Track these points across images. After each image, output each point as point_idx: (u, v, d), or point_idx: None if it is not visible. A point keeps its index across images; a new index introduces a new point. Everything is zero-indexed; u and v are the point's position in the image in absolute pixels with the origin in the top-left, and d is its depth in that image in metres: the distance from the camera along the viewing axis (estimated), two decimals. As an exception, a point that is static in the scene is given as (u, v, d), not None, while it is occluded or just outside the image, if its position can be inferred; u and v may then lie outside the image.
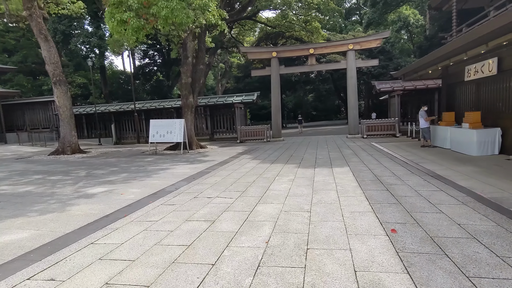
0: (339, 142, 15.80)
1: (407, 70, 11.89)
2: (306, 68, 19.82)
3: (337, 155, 10.94)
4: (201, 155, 13.41)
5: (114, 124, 24.61)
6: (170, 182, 7.67)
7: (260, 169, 8.84)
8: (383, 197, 5.21)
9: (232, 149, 15.24)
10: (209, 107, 22.46)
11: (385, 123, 17.69)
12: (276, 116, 19.69)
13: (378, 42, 17.94)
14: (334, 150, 12.35)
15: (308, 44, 18.56)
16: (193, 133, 15.91)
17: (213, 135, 22.93)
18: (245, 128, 20.05)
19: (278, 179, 7.25)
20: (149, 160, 12.42)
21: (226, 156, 12.38)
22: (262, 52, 19.42)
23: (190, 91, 15.41)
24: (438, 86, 18.60)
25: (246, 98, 22.13)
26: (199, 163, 10.88)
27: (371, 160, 9.26)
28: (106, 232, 4.28)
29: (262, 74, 20.99)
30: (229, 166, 9.79)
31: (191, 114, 15.65)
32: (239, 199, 5.66)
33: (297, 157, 11.01)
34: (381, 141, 15.43)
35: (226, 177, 7.85)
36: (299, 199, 5.38)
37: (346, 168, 8.21)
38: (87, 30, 28.14)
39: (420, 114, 11.26)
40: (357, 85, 41.04)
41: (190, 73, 15.25)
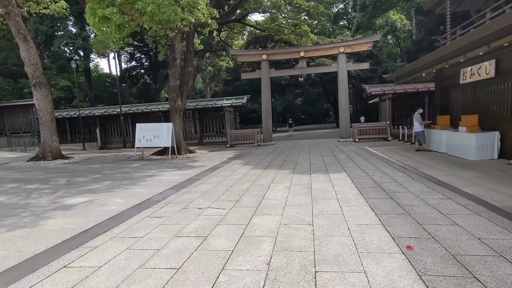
0: (331, 146, 15.50)
1: (401, 73, 11.70)
2: (297, 71, 19.54)
3: (331, 159, 10.59)
4: (190, 160, 12.87)
5: (99, 128, 23.79)
6: (157, 190, 7.14)
7: (253, 175, 8.40)
8: (389, 207, 4.83)
9: (222, 154, 14.75)
10: (198, 110, 21.93)
11: (376, 127, 17.52)
12: (266, 119, 19.32)
13: (369, 45, 17.82)
14: (327, 155, 12.01)
15: (299, 47, 18.32)
16: (182, 138, 15.36)
17: (202, 139, 22.38)
18: (235, 132, 19.59)
19: (273, 186, 6.81)
20: (135, 166, 11.81)
21: (217, 161, 11.89)
22: (252, 54, 19.06)
23: (178, 94, 14.88)
24: (428, 90, 18.61)
25: (236, 101, 21.70)
26: (188, 169, 10.35)
27: (367, 165, 8.93)
28: (83, 252, 3.76)
29: (252, 77, 20.60)
30: (220, 172, 9.31)
31: (180, 118, 15.10)
32: (233, 210, 5.20)
33: (291, 162, 10.61)
34: (373, 144, 15.21)
35: (218, 185, 7.37)
36: (298, 210, 4.95)
37: (343, 174, 7.84)
38: (70, 31, 27.25)
39: (415, 117, 11.05)
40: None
41: (178, 75, 14.72)
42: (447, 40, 10.77)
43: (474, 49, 7.47)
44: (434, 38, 12.27)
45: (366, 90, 20.01)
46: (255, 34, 38.33)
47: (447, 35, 10.74)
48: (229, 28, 34.86)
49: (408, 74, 11.74)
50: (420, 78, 12.48)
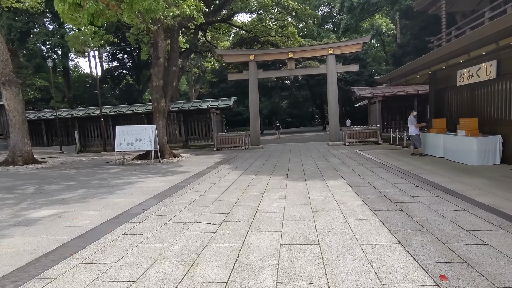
0: (322, 150, 15.01)
1: (394, 75, 11.34)
2: (285, 72, 19.04)
3: (325, 164, 10.05)
4: (175, 165, 12.08)
5: (77, 131, 22.59)
6: (137, 200, 6.38)
7: (244, 182, 7.73)
8: (402, 221, 4.27)
9: (208, 158, 14.01)
10: (182, 112, 21.09)
11: (366, 130, 17.18)
12: (254, 122, 18.70)
13: (358, 47, 17.50)
14: (320, 159, 11.48)
15: (287, 48, 17.83)
16: (166, 141, 14.53)
17: (188, 142, 21.54)
18: (222, 135, 18.88)
19: (267, 195, 6.17)
20: (115, 171, 10.93)
21: (203, 166, 11.16)
22: (240, 55, 18.43)
23: (162, 94, 14.07)
24: (418, 92, 18.45)
25: (223, 103, 21.01)
26: (172, 175, 9.59)
27: (364, 171, 8.42)
28: (39, 286, 3.00)
29: (239, 78, 19.97)
30: (207, 178, 8.60)
31: (163, 120, 14.28)
32: (224, 224, 4.53)
33: (282, 167, 10.01)
34: (364, 148, 14.81)
35: (205, 193, 6.67)
36: (299, 225, 4.32)
37: (341, 180, 7.28)
38: (47, 28, 25.88)
39: (410, 120, 10.66)
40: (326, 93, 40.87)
41: (161, 75, 13.92)
42: (442, 41, 10.48)
43: (477, 49, 7.10)
44: (428, 39, 11.95)
45: (355, 92, 19.70)
46: (241, 36, 37.77)
47: (442, 36, 10.44)
48: (214, 29, 34.17)
49: (401, 76, 11.39)
50: (414, 80, 12.17)
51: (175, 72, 14.39)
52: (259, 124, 19.20)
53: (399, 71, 11.00)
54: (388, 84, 12.76)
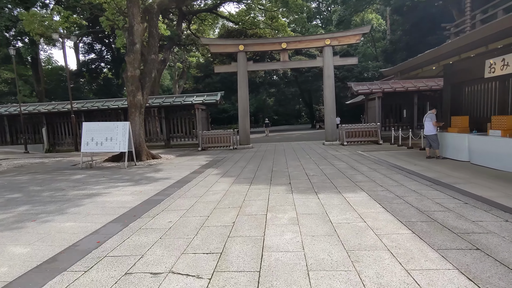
0: (320, 151, 13.51)
1: (406, 66, 9.92)
2: (277, 64, 17.42)
3: (331, 169, 8.50)
4: (153, 169, 10.29)
5: (45, 128, 20.30)
6: (93, 225, 4.63)
7: (238, 195, 6.08)
8: (498, 274, 2.73)
9: (193, 160, 12.26)
10: (164, 108, 19.19)
11: (366, 129, 15.80)
12: (244, 119, 17.02)
13: (358, 37, 16.09)
14: (322, 162, 9.94)
15: (281, 38, 16.22)
16: (143, 140, 12.67)
17: (170, 141, 19.66)
18: (207, 133, 17.11)
19: (273, 218, 4.54)
20: (77, 178, 9.05)
21: (186, 171, 9.42)
22: (228, 44, 16.68)
23: (139, 86, 12.20)
24: (418, 89, 17.24)
25: (209, 98, 19.22)
26: (147, 183, 7.82)
27: (383, 179, 6.91)
28: None
29: (227, 70, 18.24)
30: (190, 189, 6.89)
31: (140, 116, 12.42)
32: (215, 280, 2.87)
33: (281, 172, 8.40)
34: (366, 149, 13.40)
35: (188, 214, 4.98)
36: (336, 283, 2.71)
37: (362, 193, 5.73)
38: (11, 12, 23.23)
39: (428, 117, 9.25)
40: (318, 89, 39.33)
41: (138, 63, 12.04)
42: (465, 26, 9.11)
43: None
44: (444, 25, 10.58)
45: (352, 88, 18.32)
46: (228, 28, 35.93)
47: (465, 20, 9.07)
48: (199, 20, 32.16)
49: (414, 68, 9.98)
50: (425, 73, 10.79)
51: (154, 61, 12.52)
52: (249, 122, 17.54)
53: (412, 62, 9.57)
54: (397, 77, 11.37)
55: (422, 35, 29.47)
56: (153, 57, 12.44)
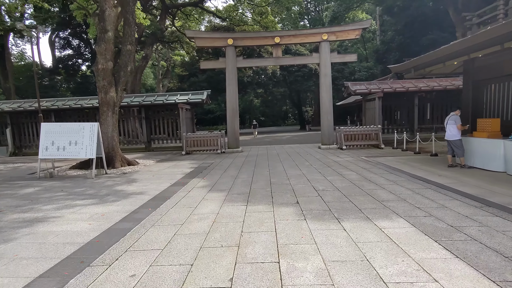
0: (319, 156, 12.10)
1: (421, 61, 8.61)
2: (270, 61, 15.93)
3: (342, 182, 7.06)
4: (126, 179, 8.60)
5: (10, 129, 18.15)
6: (10, 284, 2.98)
7: (232, 222, 4.52)
8: None
9: (175, 167, 10.61)
10: (144, 107, 17.41)
11: (366, 132, 14.51)
12: (232, 120, 15.45)
13: (357, 33, 14.80)
14: (327, 171, 8.49)
15: (274, 32, 14.76)
16: (117, 143, 10.93)
17: (150, 143, 17.89)
18: (192, 135, 15.44)
19: (289, 270, 3.01)
20: (28, 192, 7.28)
21: (166, 183, 7.79)
22: (215, 38, 15.07)
23: (112, 81, 10.47)
24: (420, 89, 16.12)
25: (194, 97, 17.56)
26: (115, 200, 6.16)
27: (415, 197, 5.50)
28: None
29: (214, 67, 16.65)
30: (169, 211, 5.29)
31: (113, 116, 10.68)
32: None
33: (282, 185, 6.89)
34: (369, 154, 12.08)
35: (161, 259, 3.40)
36: None
37: (400, 221, 4.28)
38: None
39: (451, 120, 7.95)
40: (308, 89, 38.01)
41: (111, 55, 10.32)
42: (497, 13, 7.88)
43: None
44: (465, 15, 9.35)
45: (349, 87, 17.05)
46: (215, 25, 34.30)
47: (498, 5, 7.82)
48: (184, 15, 30.36)
49: (431, 63, 8.68)
50: (440, 70, 9.52)
51: (130, 52, 10.80)
52: (238, 123, 15.99)
53: (430, 56, 8.25)
54: (410, 73, 10.05)
55: (416, 35, 28.67)
56: (129, 48, 10.73)
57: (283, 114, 71.40)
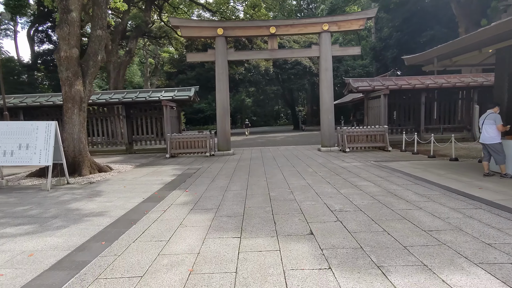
0: (321, 160, 10.60)
1: (448, 49, 7.17)
2: (265, 53, 14.37)
3: (362, 198, 5.55)
4: (89, 192, 6.93)
5: (-27, 128, 16.15)
6: None
7: (217, 273, 2.94)
8: None
9: (155, 173, 8.96)
10: (125, 105, 15.68)
11: (371, 132, 13.08)
12: (223, 119, 13.85)
13: (361, 23, 13.37)
14: (338, 181, 6.98)
15: (269, 21, 13.20)
16: (85, 146, 9.22)
17: (132, 145, 16.18)
18: (177, 136, 13.79)
19: None
20: (-46, 212, 5.56)
21: (138, 197, 6.17)
22: (203, 27, 13.44)
23: (78, 72, 8.78)
24: (427, 86, 14.78)
25: (180, 94, 15.90)
26: (60, 227, 4.52)
27: (475, 225, 4.01)
28: None
29: (203, 59, 15.05)
30: (129, 246, 3.67)
31: (81, 114, 8.98)
32: None
33: (285, 202, 5.34)
34: (377, 158, 10.65)
35: None
36: None
37: (480, 273, 2.77)
38: None
39: (490, 118, 6.51)
40: (302, 88, 36.57)
41: (76, 40, 8.62)
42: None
43: None
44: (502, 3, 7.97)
45: (351, 84, 15.60)
46: (204, 19, 32.53)
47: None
48: (172, 8, 28.57)
49: (458, 52, 7.26)
50: (466, 60, 8.12)
51: (100, 38, 9.09)
52: (229, 123, 14.39)
53: (462, 42, 6.82)
54: (428, 65, 8.65)
55: (414, 31, 27.49)
56: (100, 33, 9.03)
57: (275, 114, 70.17)
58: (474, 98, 15.07)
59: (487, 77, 15.20)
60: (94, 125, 15.99)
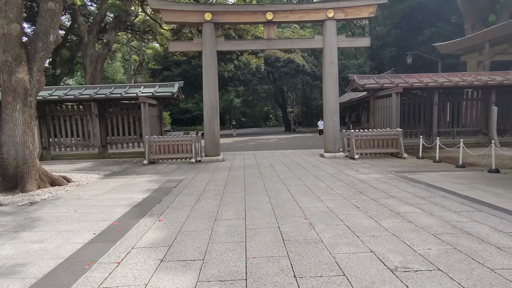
0: (331, 170, 8.78)
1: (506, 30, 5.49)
2: (261, 43, 12.47)
3: (425, 241, 3.72)
4: (20, 220, 4.89)
5: None
6: None
7: None
8: None
9: (123, 189, 6.94)
10: (98, 102, 13.54)
11: (383, 137, 11.35)
12: (211, 120, 11.90)
13: (371, 10, 11.67)
14: (370, 206, 5.14)
15: (265, 5, 11.32)
16: (32, 152, 7.11)
17: (106, 148, 14.06)
18: (157, 140, 11.74)
19: None
20: None
21: (87, 231, 4.16)
22: (188, 11, 11.46)
23: (21, 56, 6.69)
24: (442, 85, 13.20)
25: (162, 90, 13.86)
26: None
27: None
28: None
29: (188, 49, 13.09)
30: None
31: (26, 110, 6.89)
32: None
33: (309, 248, 3.46)
34: (395, 166, 8.91)
35: None
36: None
37: None
38: None
39: None
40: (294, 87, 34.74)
41: (17, 12, 6.54)
42: None
43: None
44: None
45: (356, 81, 13.89)
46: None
47: None
48: None
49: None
50: None
51: (52, 13, 7.02)
52: (219, 123, 12.44)
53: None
54: (470, 54, 6.96)
55: (414, 28, 26.09)
56: (51, 6, 6.95)
57: (265, 115, 68.50)
58: (492, 98, 13.55)
59: (506, 75, 13.75)
60: (62, 125, 13.79)
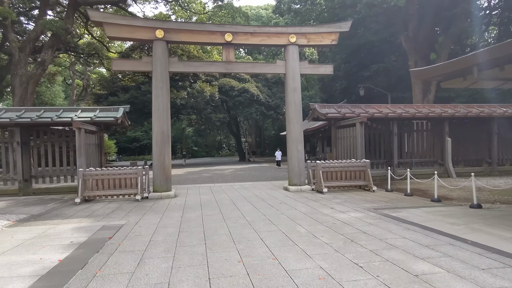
0: (302, 208, 7.63)
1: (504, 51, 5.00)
2: (219, 66, 11.33)
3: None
4: None
5: None
6: None
7: None
8: None
9: (35, 245, 5.02)
10: (22, 128, 11.22)
11: (350, 168, 10.62)
12: (161, 148, 10.27)
13: (333, 37, 11.31)
14: (375, 265, 4.00)
15: (224, 25, 10.32)
16: None
17: (30, 182, 11.62)
18: (94, 173, 9.72)
19: None
20: None
21: None
22: (137, 26, 10.07)
23: None
24: (399, 116, 13.16)
25: (103, 115, 11.96)
26: None
27: None
28: None
29: (134, 69, 11.63)
30: None
31: None
32: None
33: None
34: (369, 201, 8.07)
35: None
36: None
37: None
38: None
39: None
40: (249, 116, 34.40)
41: None
42: None
43: None
44: None
45: (317, 110, 13.31)
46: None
47: None
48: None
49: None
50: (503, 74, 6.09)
51: None
52: (170, 153, 10.84)
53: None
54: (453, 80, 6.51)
55: (363, 63, 27.30)
56: None
57: (217, 144, 67.16)
58: (445, 129, 13.79)
59: (455, 108, 14.21)
60: (-29, 154, 11.14)
